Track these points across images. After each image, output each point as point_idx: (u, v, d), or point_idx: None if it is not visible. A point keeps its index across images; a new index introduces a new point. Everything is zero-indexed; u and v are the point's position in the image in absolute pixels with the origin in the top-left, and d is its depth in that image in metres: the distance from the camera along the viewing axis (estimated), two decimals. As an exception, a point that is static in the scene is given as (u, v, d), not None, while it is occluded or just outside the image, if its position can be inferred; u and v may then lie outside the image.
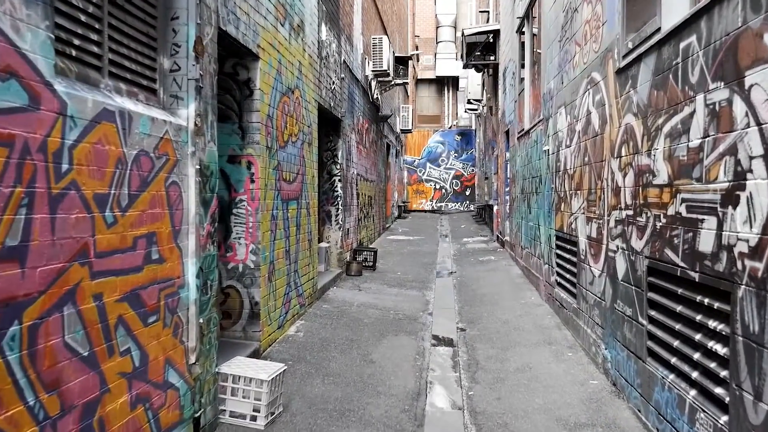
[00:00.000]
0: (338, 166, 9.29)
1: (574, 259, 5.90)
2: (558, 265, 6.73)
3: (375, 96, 13.26)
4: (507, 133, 12.25)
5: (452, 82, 30.27)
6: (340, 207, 9.33)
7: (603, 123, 4.83)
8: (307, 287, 6.86)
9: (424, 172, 28.06)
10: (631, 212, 4.10)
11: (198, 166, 3.42)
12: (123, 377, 2.74)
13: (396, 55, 14.22)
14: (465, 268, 10.48)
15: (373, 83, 12.91)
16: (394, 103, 19.82)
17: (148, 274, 2.94)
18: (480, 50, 13.93)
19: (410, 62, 15.86)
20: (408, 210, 26.54)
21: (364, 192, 12.32)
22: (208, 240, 3.59)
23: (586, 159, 5.37)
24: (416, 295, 8.21)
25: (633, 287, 4.05)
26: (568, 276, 6.23)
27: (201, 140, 3.49)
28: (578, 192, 5.72)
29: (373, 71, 12.31)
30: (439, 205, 27.99)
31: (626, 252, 4.20)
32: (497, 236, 14.30)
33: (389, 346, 5.71)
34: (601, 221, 4.90)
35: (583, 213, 5.49)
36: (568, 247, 6.20)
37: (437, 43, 30.25)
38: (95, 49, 2.71)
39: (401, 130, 21.25)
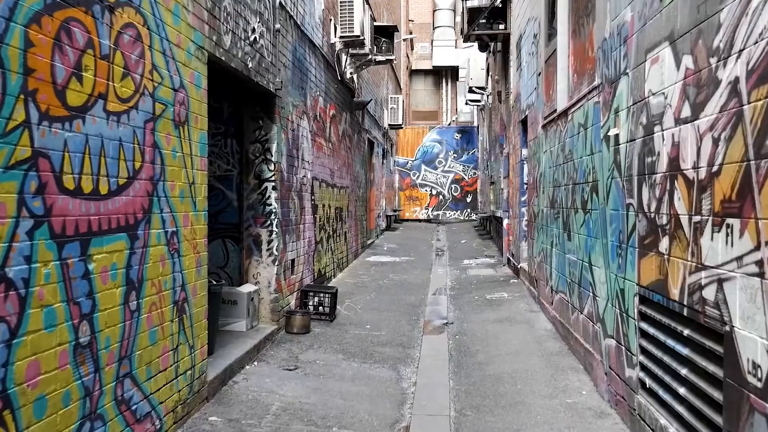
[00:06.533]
0: (272, 166, 6.04)
1: (716, 371, 2.65)
2: (648, 354, 3.47)
3: (348, 75, 10.02)
4: (524, 122, 9.00)
5: (451, 72, 26.88)
6: (275, 229, 6.08)
7: None
8: (166, 394, 3.61)
9: (418, 176, 24.60)
10: None
11: None
12: None
13: (377, 24, 10.98)
14: (467, 315, 7.22)
15: (344, 57, 9.67)
16: (382, 92, 16.57)
17: None
18: (485, 17, 10.69)
19: (398, 36, 12.66)
20: (400, 219, 23.21)
21: (328, 203, 9.05)
22: None
23: (777, 142, 2.14)
24: (387, 380, 4.95)
25: None
26: (684, 393, 2.99)
27: None
28: (730, 220, 2.47)
29: (341, 38, 9.07)
30: (435, 213, 24.53)
31: None
32: (508, 258, 11.05)
33: None
34: None
35: (761, 275, 2.25)
36: (686, 332, 2.94)
37: (434, 29, 26.86)
38: None
39: (390, 125, 17.97)
